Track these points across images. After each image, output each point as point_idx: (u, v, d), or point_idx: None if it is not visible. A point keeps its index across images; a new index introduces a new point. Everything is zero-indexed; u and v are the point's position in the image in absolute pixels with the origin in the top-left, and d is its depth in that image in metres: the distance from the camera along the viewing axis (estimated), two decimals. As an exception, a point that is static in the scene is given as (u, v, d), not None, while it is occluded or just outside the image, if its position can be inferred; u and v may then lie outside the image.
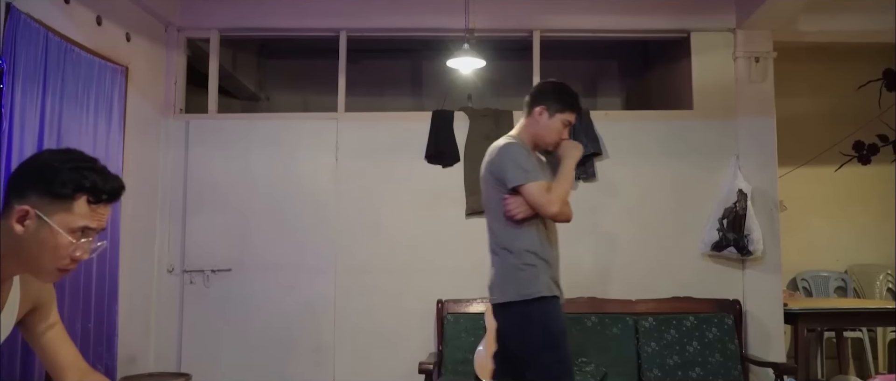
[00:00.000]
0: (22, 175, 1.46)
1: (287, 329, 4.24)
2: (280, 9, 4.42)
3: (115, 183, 1.49)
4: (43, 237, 1.42)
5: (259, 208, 4.31)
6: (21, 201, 1.42)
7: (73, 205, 1.43)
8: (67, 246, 1.44)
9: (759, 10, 4.09)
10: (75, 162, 1.46)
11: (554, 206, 2.71)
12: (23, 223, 1.41)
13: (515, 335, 2.76)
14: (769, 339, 4.18)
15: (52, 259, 1.44)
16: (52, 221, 1.41)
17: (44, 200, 1.42)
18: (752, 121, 4.33)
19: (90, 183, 1.43)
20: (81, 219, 1.44)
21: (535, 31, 4.45)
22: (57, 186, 1.41)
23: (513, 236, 2.75)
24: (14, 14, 2.97)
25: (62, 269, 1.46)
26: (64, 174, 1.42)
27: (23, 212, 1.41)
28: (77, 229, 1.44)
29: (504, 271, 2.78)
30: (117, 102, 3.79)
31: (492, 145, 2.87)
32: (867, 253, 5.60)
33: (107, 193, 1.47)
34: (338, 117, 4.41)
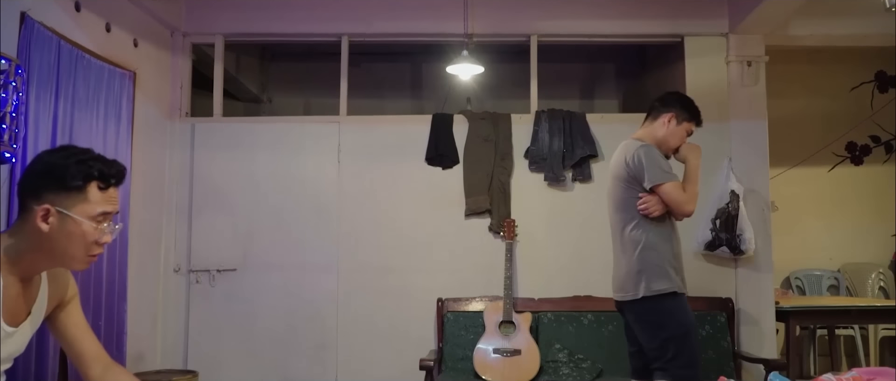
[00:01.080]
0: (32, 177, 1.57)
1: (291, 327, 4.34)
2: (283, 15, 4.52)
3: (118, 167, 1.63)
4: (69, 230, 1.53)
5: (263, 209, 4.41)
6: (38, 201, 1.52)
7: (87, 194, 1.55)
8: (93, 233, 1.56)
9: (751, 15, 4.18)
10: (77, 155, 1.58)
11: (691, 204, 2.94)
12: (47, 221, 1.52)
13: (650, 329, 2.90)
14: (761, 336, 4.28)
15: (82, 247, 1.56)
16: (73, 213, 1.53)
17: (60, 195, 1.53)
18: (745, 124, 4.43)
19: (97, 171, 1.56)
20: (98, 205, 1.56)
21: (533, 36, 4.55)
22: (68, 179, 1.53)
23: (649, 233, 2.90)
24: (28, 22, 3.07)
25: (92, 255, 1.59)
26: (72, 168, 1.54)
27: (45, 210, 1.52)
28: (97, 215, 1.56)
29: (637, 267, 2.90)
30: (126, 107, 3.89)
31: (625, 146, 3.02)
32: (860, 252, 5.69)
33: (113, 176, 1.60)
34: (340, 121, 4.51)
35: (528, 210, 4.37)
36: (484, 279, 4.30)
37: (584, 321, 4.18)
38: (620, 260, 2.99)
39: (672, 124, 3.04)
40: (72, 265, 1.62)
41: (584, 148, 4.37)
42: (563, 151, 4.37)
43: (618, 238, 3.01)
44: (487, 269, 4.28)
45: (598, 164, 4.42)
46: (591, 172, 4.39)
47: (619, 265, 3.00)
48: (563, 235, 4.41)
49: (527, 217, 4.35)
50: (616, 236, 3.03)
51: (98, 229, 1.57)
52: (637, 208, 2.91)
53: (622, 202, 2.98)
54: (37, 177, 1.57)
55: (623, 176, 2.97)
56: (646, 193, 2.90)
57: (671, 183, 2.88)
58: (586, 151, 4.37)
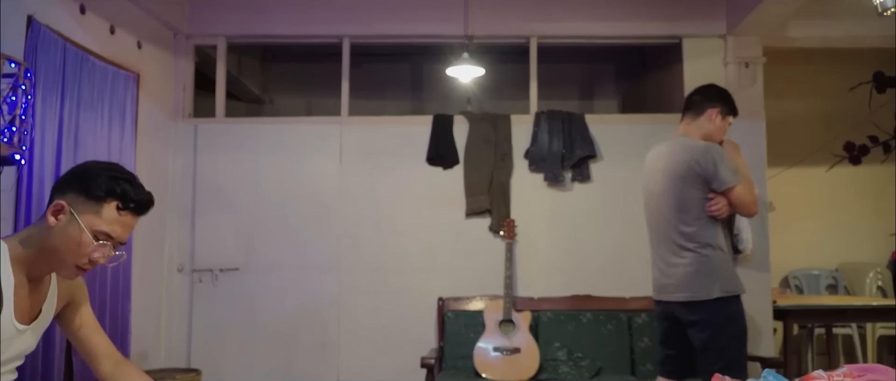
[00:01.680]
0: (67, 176, 1.62)
1: (293, 326, 4.38)
2: (285, 16, 4.56)
3: (145, 196, 1.63)
4: (69, 233, 1.56)
5: (265, 210, 4.45)
6: (61, 197, 1.58)
7: (103, 208, 1.57)
8: (88, 245, 1.56)
9: (749, 17, 4.22)
10: (114, 172, 1.61)
11: (756, 206, 2.98)
12: (57, 216, 1.57)
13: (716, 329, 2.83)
14: (758, 334, 4.32)
15: (73, 255, 1.57)
16: (80, 219, 1.56)
17: (79, 198, 1.57)
18: (743, 124, 4.41)
19: (122, 190, 1.58)
20: (106, 224, 1.57)
21: (533, 38, 4.59)
22: (92, 187, 1.57)
23: (717, 234, 2.90)
24: (35, 26, 3.11)
25: (79, 267, 1.59)
26: (101, 179, 1.58)
27: (59, 206, 1.57)
28: (100, 232, 1.57)
29: (706, 268, 2.85)
30: (129, 108, 3.94)
31: (685, 145, 2.97)
32: (858, 251, 5.70)
33: (135, 202, 1.61)
34: (341, 121, 4.55)
35: (527, 210, 4.41)
36: (484, 279, 4.34)
37: (582, 320, 4.22)
38: (675, 261, 2.91)
39: (718, 119, 3.07)
40: (60, 270, 1.64)
41: (583, 149, 4.42)
42: (563, 151, 4.42)
43: (672, 238, 2.93)
44: (487, 268, 4.33)
45: (596, 164, 4.46)
46: (589, 172, 4.44)
47: (674, 266, 2.91)
48: (562, 234, 4.45)
49: (526, 217, 4.39)
50: (669, 237, 2.94)
51: (94, 245, 1.57)
52: (708, 209, 2.86)
53: (685, 203, 2.89)
54: (69, 176, 1.62)
55: (688, 176, 2.88)
56: (715, 194, 2.87)
57: (742, 185, 2.88)
58: (585, 151, 4.41)
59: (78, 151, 3.44)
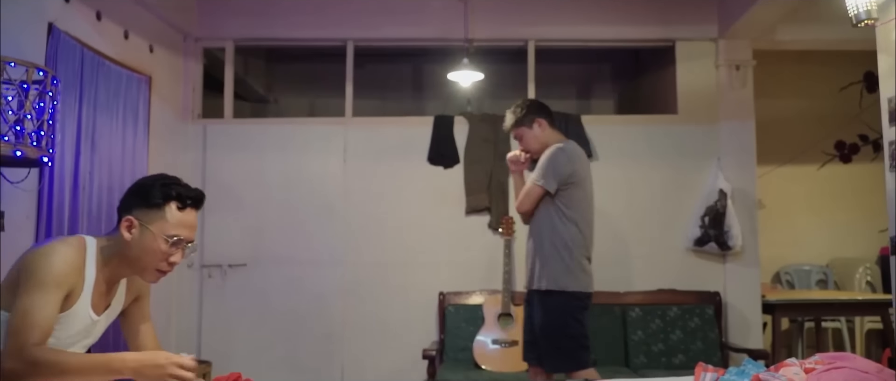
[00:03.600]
0: (127, 195, 1.82)
1: (299, 319, 4.54)
2: (291, 20, 4.70)
3: (196, 191, 1.85)
4: (145, 243, 1.77)
5: (272, 207, 4.60)
6: (127, 213, 1.78)
7: (166, 212, 1.77)
8: (164, 250, 1.77)
9: (740, 21, 4.36)
10: (164, 179, 1.82)
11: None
12: (130, 231, 1.76)
13: None
14: (748, 328, 4.48)
15: (152, 261, 1.78)
16: (151, 227, 1.76)
17: (143, 211, 1.77)
18: (733, 125, 4.62)
19: (176, 192, 1.79)
20: (173, 227, 1.78)
21: (531, 41, 4.74)
22: (151, 197, 1.77)
23: None
24: (55, 32, 3.27)
25: (160, 270, 1.80)
26: (155, 188, 1.79)
27: (129, 222, 1.76)
28: (171, 235, 1.77)
29: None
30: (142, 110, 4.09)
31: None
32: (848, 247, 5.83)
33: (191, 198, 1.82)
34: (346, 122, 4.70)
35: (525, 208, 4.55)
36: (483, 274, 4.49)
37: (578, 314, 4.37)
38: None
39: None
40: (142, 276, 1.85)
41: (579, 148, 4.56)
42: (560, 151, 4.56)
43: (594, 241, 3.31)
44: (487, 264, 4.48)
45: (592, 163, 4.55)
46: (585, 171, 4.58)
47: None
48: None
49: (524, 215, 4.53)
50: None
51: (170, 248, 1.77)
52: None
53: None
54: (130, 194, 1.82)
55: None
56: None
57: None
58: (582, 151, 4.55)
59: (95, 152, 3.59)
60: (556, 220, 3.13)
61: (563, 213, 3.14)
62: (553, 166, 3.13)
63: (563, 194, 3.13)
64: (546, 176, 3.13)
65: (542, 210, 3.16)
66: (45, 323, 1.65)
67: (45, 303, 1.65)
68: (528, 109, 3.31)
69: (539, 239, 3.16)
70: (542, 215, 3.16)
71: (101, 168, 3.64)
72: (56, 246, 1.74)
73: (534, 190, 3.15)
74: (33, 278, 1.66)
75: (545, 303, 3.13)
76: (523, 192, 3.21)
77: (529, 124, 3.28)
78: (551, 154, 3.17)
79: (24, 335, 1.61)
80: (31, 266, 1.69)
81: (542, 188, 3.13)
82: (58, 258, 1.70)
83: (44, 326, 1.65)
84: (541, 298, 3.14)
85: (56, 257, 1.70)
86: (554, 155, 3.16)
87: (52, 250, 1.72)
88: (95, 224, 3.59)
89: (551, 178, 3.12)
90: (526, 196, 3.19)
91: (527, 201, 3.18)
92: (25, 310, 1.63)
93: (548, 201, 3.14)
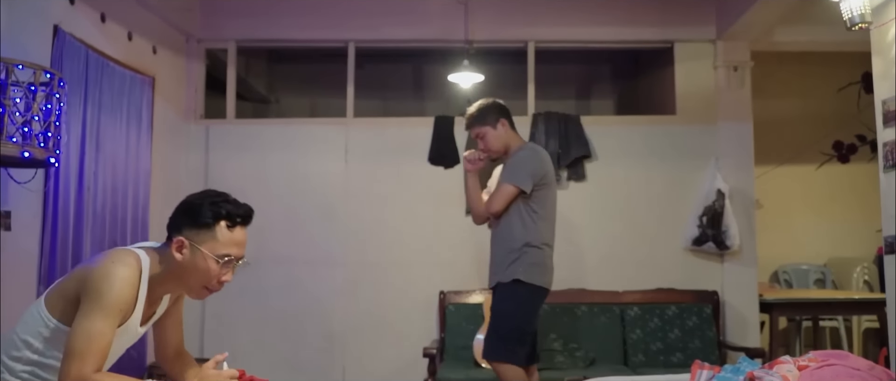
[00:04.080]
0: (176, 214, 1.82)
1: (300, 318, 4.58)
2: (293, 21, 4.74)
3: (245, 208, 1.85)
4: (196, 263, 1.78)
5: (274, 207, 4.63)
6: (178, 234, 1.78)
7: (217, 232, 1.78)
8: (214, 269, 1.78)
9: (738, 22, 4.39)
10: (212, 197, 1.82)
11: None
12: (181, 252, 1.77)
13: None
14: (745, 326, 4.52)
15: (203, 280, 1.80)
16: (202, 248, 1.77)
17: (193, 230, 1.78)
18: (731, 126, 4.66)
19: (226, 211, 1.80)
20: (224, 246, 1.79)
21: (530, 42, 4.78)
22: (200, 217, 1.78)
23: None
24: (60, 34, 3.31)
25: (210, 289, 1.82)
26: (204, 207, 1.79)
27: (180, 242, 1.77)
28: (221, 255, 1.78)
29: None
30: (145, 110, 4.13)
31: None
32: (845, 247, 5.87)
33: (240, 216, 1.83)
34: (347, 123, 4.74)
35: (525, 208, 4.60)
36: (483, 273, 4.46)
37: (577, 313, 4.42)
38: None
39: None
40: (191, 294, 1.88)
41: (578, 149, 4.61)
42: (559, 151, 4.60)
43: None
44: (487, 263, 4.46)
45: (591, 164, 4.65)
46: (584, 171, 4.63)
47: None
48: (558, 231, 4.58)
49: (524, 214, 4.58)
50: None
51: (220, 268, 1.79)
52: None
53: None
54: (179, 214, 1.83)
55: None
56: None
57: None
58: (580, 151, 4.60)
59: (99, 153, 3.64)
60: (527, 218, 3.15)
61: (533, 211, 3.15)
62: (528, 167, 3.15)
63: (534, 194, 3.15)
64: (521, 176, 3.13)
65: (511, 210, 3.16)
66: (106, 350, 1.68)
67: (107, 330, 1.68)
68: (491, 109, 3.31)
69: (509, 238, 3.15)
70: (512, 215, 3.16)
71: (105, 168, 3.69)
72: (118, 269, 1.73)
73: (508, 190, 3.14)
74: (98, 303, 1.68)
75: (512, 292, 3.13)
76: (495, 193, 3.20)
77: (493, 124, 3.26)
78: (525, 155, 3.20)
79: (86, 361, 1.64)
80: (95, 287, 1.70)
81: (518, 188, 3.12)
82: (121, 284, 1.71)
83: (105, 353, 1.68)
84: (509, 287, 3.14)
85: (119, 282, 1.71)
86: (528, 156, 3.20)
87: (115, 272, 1.72)
88: (100, 224, 3.64)
89: (527, 178, 3.13)
90: (499, 197, 3.16)
91: (500, 202, 3.16)
92: (89, 335, 1.66)
93: (518, 200, 3.15)
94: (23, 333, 1.78)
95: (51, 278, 3.25)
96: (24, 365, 1.76)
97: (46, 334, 1.75)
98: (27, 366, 1.76)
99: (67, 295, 1.75)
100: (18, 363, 1.76)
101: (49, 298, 1.80)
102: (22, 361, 1.76)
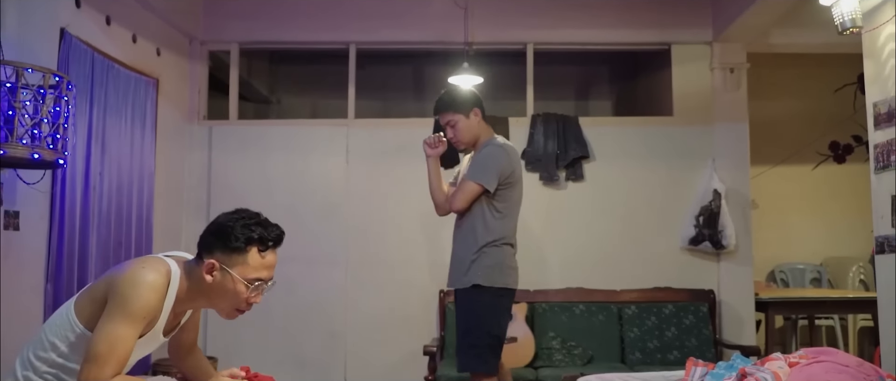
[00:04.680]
0: (208, 235, 1.84)
1: (303, 316, 4.64)
2: (295, 24, 4.80)
3: (276, 231, 1.87)
4: (226, 285, 1.80)
5: (276, 207, 4.62)
6: (209, 256, 1.80)
7: (248, 257, 1.80)
8: (244, 292, 1.81)
9: (733, 24, 4.46)
10: (245, 220, 1.83)
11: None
12: (211, 274, 1.79)
13: None
14: (741, 325, 4.59)
15: (233, 302, 1.83)
16: (232, 271, 1.79)
17: (224, 254, 1.79)
18: (727, 127, 4.72)
19: (258, 235, 1.81)
20: (254, 271, 1.80)
21: (529, 44, 4.84)
22: (232, 241, 1.79)
23: None
24: (67, 37, 3.37)
25: (239, 310, 1.85)
26: (236, 230, 1.80)
27: (211, 265, 1.79)
28: (251, 279, 1.80)
29: None
30: (149, 111, 4.19)
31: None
32: (841, 247, 5.92)
33: (272, 240, 1.85)
34: (348, 124, 4.80)
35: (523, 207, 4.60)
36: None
37: (575, 311, 4.48)
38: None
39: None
40: (221, 314, 1.89)
41: (576, 149, 4.67)
42: (557, 152, 4.66)
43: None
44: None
45: (589, 164, 4.71)
46: (582, 172, 4.69)
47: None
48: (556, 230, 4.70)
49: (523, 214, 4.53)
50: None
51: (249, 291, 1.81)
52: None
53: None
54: (210, 235, 1.84)
55: None
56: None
57: None
58: (578, 152, 4.66)
59: (104, 153, 3.69)
60: (488, 216, 3.03)
61: (495, 209, 3.03)
62: (495, 165, 3.02)
63: (499, 193, 3.03)
64: (487, 174, 3.00)
65: (474, 208, 3.04)
66: (126, 356, 1.71)
67: (130, 336, 1.70)
68: (466, 96, 3.19)
69: (472, 236, 3.04)
70: (474, 213, 3.04)
71: (110, 169, 3.74)
72: (148, 276, 1.75)
73: (471, 188, 3.01)
74: (123, 308, 1.70)
75: (474, 299, 3.00)
76: (459, 190, 3.08)
77: (466, 112, 3.12)
78: (492, 152, 3.05)
79: (105, 367, 1.65)
80: (122, 292, 1.71)
81: (482, 187, 3.00)
82: (148, 292, 1.73)
83: (125, 359, 1.70)
84: (470, 293, 3.02)
85: (147, 290, 1.72)
86: (495, 153, 3.05)
87: (144, 280, 1.73)
88: (105, 223, 3.70)
89: (493, 176, 3.00)
90: (462, 194, 3.04)
91: (462, 200, 3.03)
92: (111, 340, 1.67)
93: (481, 198, 3.02)
94: (51, 334, 1.79)
95: (58, 276, 3.31)
96: (48, 366, 1.78)
97: (72, 339, 1.76)
98: (51, 368, 1.78)
99: (96, 299, 1.76)
100: (43, 363, 1.78)
101: (79, 301, 1.82)
102: (47, 362, 1.78)
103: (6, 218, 2.91)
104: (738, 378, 2.14)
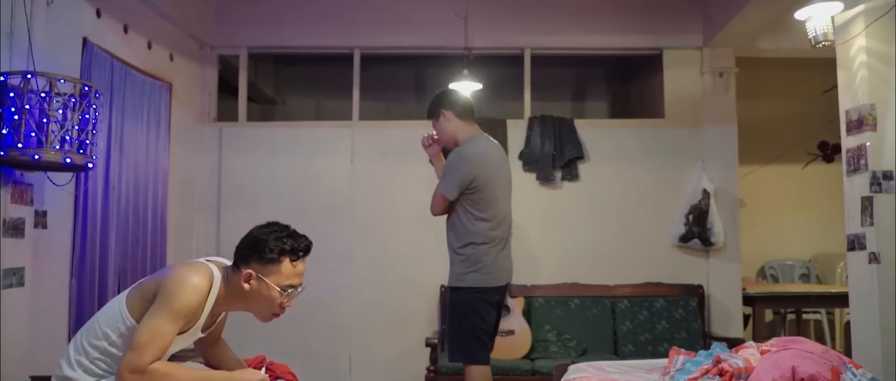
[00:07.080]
0: (244, 247, 2.04)
1: (310, 310, 4.77)
2: (301, 29, 4.98)
3: (305, 241, 2.08)
4: (262, 292, 2.01)
5: (284, 206, 4.86)
6: (246, 265, 2.01)
7: (281, 267, 2.01)
8: (278, 299, 2.02)
9: (723, 30, 4.64)
10: (277, 233, 2.04)
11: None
12: (248, 282, 2.00)
13: None
14: (729, 318, 4.78)
15: (268, 307, 2.05)
16: (267, 279, 2.00)
17: (260, 264, 2.00)
18: (716, 129, 4.91)
19: (289, 246, 2.03)
20: (287, 278, 2.02)
21: (527, 49, 5.02)
22: (266, 252, 2.00)
23: None
24: (89, 46, 3.56)
25: (274, 314, 2.07)
26: (271, 243, 2.01)
27: (248, 274, 2.00)
28: (285, 286, 2.02)
29: None
30: (163, 115, 4.38)
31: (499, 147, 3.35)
32: (830, 243, 6.01)
33: (302, 250, 2.06)
34: (353, 125, 4.99)
35: (521, 206, 4.77)
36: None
37: (571, 305, 4.67)
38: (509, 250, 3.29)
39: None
40: (258, 317, 2.10)
41: (572, 150, 4.86)
42: (554, 153, 4.85)
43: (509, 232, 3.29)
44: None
45: (584, 164, 4.90)
46: (578, 172, 4.88)
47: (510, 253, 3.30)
48: (552, 228, 4.89)
49: (520, 213, 4.74)
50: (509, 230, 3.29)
51: (284, 296, 2.02)
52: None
53: None
54: (246, 247, 2.04)
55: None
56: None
57: None
58: (574, 153, 4.85)
59: (123, 155, 3.88)
60: (464, 219, 3.12)
61: (470, 213, 3.11)
62: (453, 174, 3.10)
63: (467, 198, 3.10)
64: (446, 183, 3.12)
65: (455, 208, 3.15)
66: (165, 348, 1.91)
67: (170, 331, 1.90)
68: (434, 102, 3.29)
69: (452, 238, 3.18)
70: (457, 213, 3.15)
71: (128, 170, 3.93)
72: (193, 279, 1.95)
73: (437, 196, 3.16)
74: (168, 305, 1.90)
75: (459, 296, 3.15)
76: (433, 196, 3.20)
77: (436, 116, 3.25)
78: (451, 161, 3.14)
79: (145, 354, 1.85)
80: (169, 291, 1.91)
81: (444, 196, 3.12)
82: (193, 294, 1.93)
83: (163, 350, 1.91)
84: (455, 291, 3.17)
85: (191, 292, 1.93)
86: (454, 162, 3.13)
87: (190, 282, 1.94)
88: (123, 221, 3.89)
89: (452, 186, 3.09)
90: (433, 201, 3.19)
91: (434, 206, 3.19)
92: (153, 332, 1.88)
93: (458, 200, 3.12)
94: (103, 324, 1.99)
95: (82, 271, 3.51)
96: (99, 353, 1.97)
97: (123, 330, 1.96)
98: (102, 355, 1.97)
99: (146, 296, 1.96)
100: (95, 350, 1.97)
101: (130, 296, 2.01)
102: (98, 349, 1.97)
103: (36, 217, 3.11)
104: (713, 363, 2.33)
